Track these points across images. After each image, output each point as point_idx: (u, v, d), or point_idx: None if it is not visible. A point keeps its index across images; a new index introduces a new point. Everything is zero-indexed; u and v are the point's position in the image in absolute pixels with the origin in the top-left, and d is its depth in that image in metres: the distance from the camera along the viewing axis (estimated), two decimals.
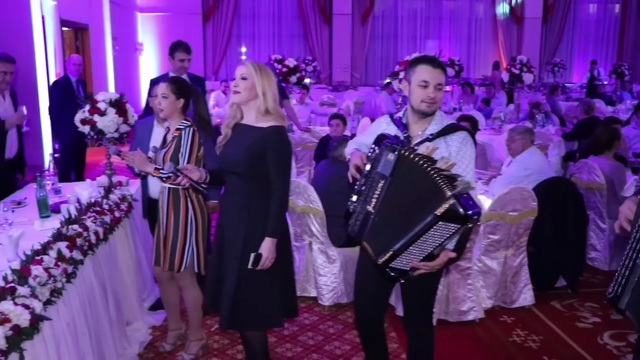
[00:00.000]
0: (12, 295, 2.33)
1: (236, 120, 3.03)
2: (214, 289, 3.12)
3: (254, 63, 2.97)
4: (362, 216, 2.74)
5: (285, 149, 2.99)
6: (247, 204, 2.97)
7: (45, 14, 9.07)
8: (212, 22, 16.55)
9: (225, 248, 3.05)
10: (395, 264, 2.62)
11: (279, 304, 3.06)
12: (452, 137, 2.80)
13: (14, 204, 4.08)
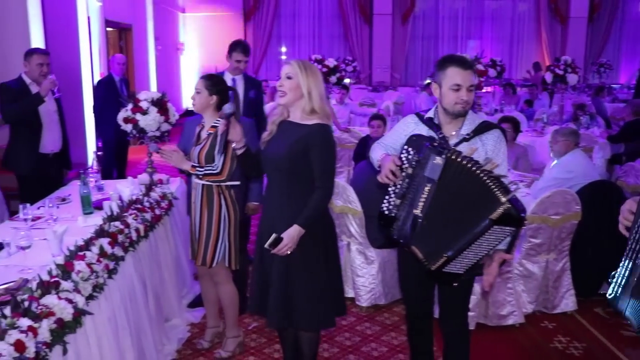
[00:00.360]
0: (56, 290, 2.38)
1: (283, 117, 3.02)
2: (259, 289, 3.09)
3: (299, 62, 2.93)
4: (410, 220, 2.72)
5: (329, 147, 2.93)
6: (290, 202, 2.95)
7: (91, 14, 9.26)
8: (253, 22, 16.67)
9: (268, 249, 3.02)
10: (449, 269, 2.65)
11: (328, 305, 3.03)
12: (487, 136, 2.82)
13: (58, 200, 4.17)
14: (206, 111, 3.66)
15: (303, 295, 2.95)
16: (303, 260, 2.94)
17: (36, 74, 4.85)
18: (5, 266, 2.97)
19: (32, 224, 3.49)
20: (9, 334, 1.98)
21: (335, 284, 3.09)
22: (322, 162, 2.90)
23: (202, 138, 3.65)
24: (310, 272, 2.95)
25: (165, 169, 6.20)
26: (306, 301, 2.95)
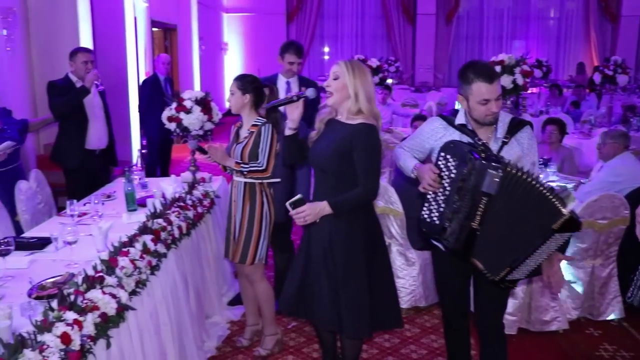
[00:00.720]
0: (100, 285, 2.43)
1: (331, 116, 2.99)
2: (297, 291, 3.05)
3: (347, 62, 2.88)
4: (466, 232, 2.69)
5: (373, 147, 2.86)
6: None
7: (138, 15, 9.43)
8: (296, 22, 16.73)
9: (313, 248, 3.00)
10: (511, 276, 2.72)
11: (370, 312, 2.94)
12: (522, 135, 2.85)
13: (103, 197, 4.26)
14: (243, 110, 3.69)
15: (347, 299, 2.90)
16: (347, 263, 2.90)
17: (82, 72, 4.97)
18: (52, 260, 3.05)
19: (78, 220, 3.56)
20: (56, 326, 2.03)
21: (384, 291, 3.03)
22: (365, 162, 2.84)
23: (241, 137, 3.68)
24: (354, 275, 2.91)
25: (208, 167, 6.26)
26: (345, 307, 2.90)
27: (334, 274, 2.91)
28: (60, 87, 4.94)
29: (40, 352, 1.89)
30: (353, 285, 2.89)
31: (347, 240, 2.90)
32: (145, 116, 7.64)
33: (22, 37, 6.34)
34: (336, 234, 2.90)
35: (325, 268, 2.93)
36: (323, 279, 2.93)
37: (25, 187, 4.19)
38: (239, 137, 3.71)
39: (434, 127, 2.95)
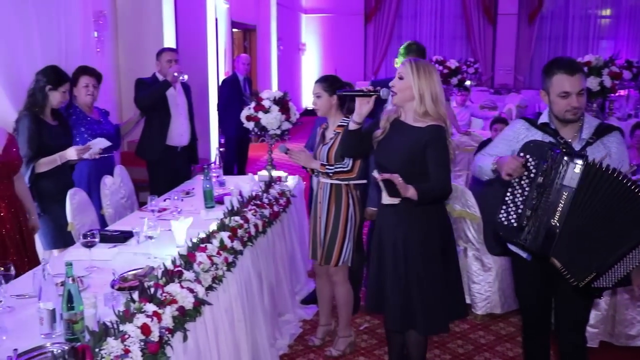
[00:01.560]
0: (179, 279, 2.49)
1: (397, 115, 2.97)
2: (376, 289, 3.07)
3: (413, 62, 2.84)
4: (545, 230, 2.61)
5: (444, 146, 2.84)
6: (405, 205, 2.91)
7: (219, 16, 9.65)
8: (374, 22, 16.67)
9: (385, 249, 2.99)
10: (598, 284, 2.56)
11: (444, 308, 2.96)
12: (610, 139, 2.73)
13: (183, 194, 4.38)
14: (330, 112, 3.70)
15: (418, 297, 2.90)
16: (422, 263, 2.89)
17: (166, 70, 5.13)
18: (134, 253, 3.16)
19: (159, 215, 3.67)
20: (137, 317, 2.10)
21: (453, 288, 3.02)
22: (438, 158, 2.81)
23: (327, 138, 3.69)
24: (426, 275, 2.90)
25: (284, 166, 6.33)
26: (420, 304, 2.90)
27: (406, 272, 2.90)
28: (147, 84, 5.12)
29: (122, 341, 1.96)
30: (430, 282, 2.89)
31: (424, 239, 2.89)
32: (223, 115, 7.82)
33: (111, 39, 6.60)
34: (412, 233, 2.89)
35: (397, 267, 2.92)
36: (394, 279, 2.93)
37: (109, 182, 4.36)
38: (325, 138, 3.72)
39: (516, 129, 2.88)
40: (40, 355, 2.06)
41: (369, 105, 2.92)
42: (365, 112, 2.94)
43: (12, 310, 2.44)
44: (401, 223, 2.90)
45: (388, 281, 2.96)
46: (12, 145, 3.53)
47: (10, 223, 3.43)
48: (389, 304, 2.97)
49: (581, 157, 2.51)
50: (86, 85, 4.37)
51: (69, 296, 2.11)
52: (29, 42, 4.49)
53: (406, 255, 2.89)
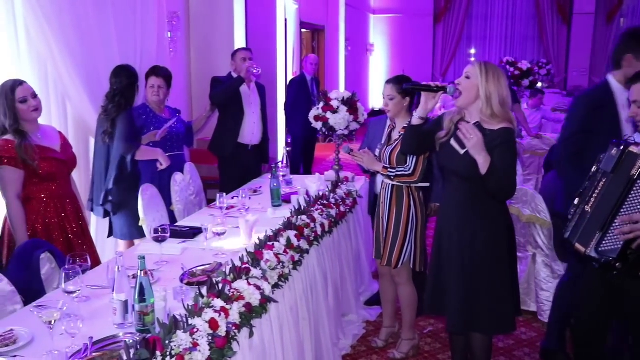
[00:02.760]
0: (246, 276, 2.53)
1: (461, 116, 2.92)
2: (434, 290, 3.05)
3: (481, 63, 2.81)
4: (578, 217, 2.61)
5: (512, 149, 2.80)
6: (468, 204, 2.87)
7: (288, 16, 9.74)
8: (443, 23, 16.46)
9: (446, 249, 2.97)
10: (605, 246, 2.47)
11: (511, 307, 2.93)
12: None
13: (250, 192, 4.44)
14: (400, 114, 3.68)
15: (485, 297, 2.86)
16: (486, 263, 2.86)
17: (241, 68, 5.20)
18: (202, 249, 3.22)
19: (227, 212, 3.73)
20: (205, 312, 2.14)
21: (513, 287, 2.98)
22: (504, 160, 2.75)
23: (393, 139, 3.67)
24: (493, 274, 2.86)
25: (351, 167, 6.33)
26: (487, 304, 2.87)
27: (472, 273, 2.86)
28: (222, 82, 5.23)
29: (191, 334, 1.99)
30: (497, 282, 2.86)
31: (491, 239, 2.85)
32: (291, 115, 7.88)
33: (184, 39, 6.77)
34: (478, 234, 2.85)
35: (461, 268, 2.89)
36: (458, 280, 2.90)
37: (179, 178, 4.46)
38: (391, 139, 3.71)
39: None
40: (113, 344, 2.13)
41: (435, 100, 2.93)
42: (431, 108, 2.95)
43: (87, 300, 2.53)
44: (466, 224, 2.87)
45: (450, 282, 2.93)
46: (67, 144, 3.66)
47: (74, 219, 3.57)
48: (451, 306, 2.94)
49: (622, 143, 2.48)
50: (152, 86, 4.50)
51: (141, 288, 2.17)
52: (107, 43, 4.65)
53: (472, 255, 2.86)
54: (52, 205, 3.45)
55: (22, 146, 3.25)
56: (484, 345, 3.02)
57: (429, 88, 2.93)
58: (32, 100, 3.34)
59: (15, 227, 3.30)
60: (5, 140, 3.26)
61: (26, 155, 3.26)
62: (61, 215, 3.48)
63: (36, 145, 3.35)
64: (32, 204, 3.39)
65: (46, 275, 2.90)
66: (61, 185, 3.50)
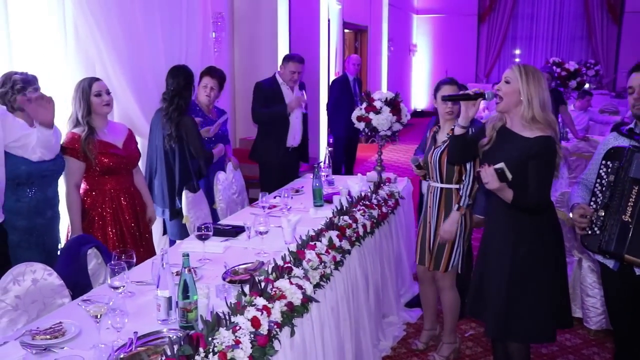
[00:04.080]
0: (288, 275, 2.54)
1: (502, 122, 2.90)
2: (476, 294, 3.03)
3: (521, 67, 2.79)
4: (617, 228, 2.52)
5: (549, 158, 2.76)
6: (513, 214, 2.84)
7: (331, 17, 9.74)
8: (487, 23, 16.26)
9: (491, 256, 2.94)
10: None
11: (551, 317, 2.87)
12: None
13: (292, 191, 4.45)
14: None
15: (523, 306, 2.82)
16: (529, 270, 2.81)
17: (287, 78, 5.24)
18: (244, 248, 3.25)
19: (269, 212, 3.75)
20: (247, 310, 2.15)
21: (560, 296, 2.91)
22: (537, 172, 2.74)
23: (439, 141, 3.64)
24: (534, 283, 2.81)
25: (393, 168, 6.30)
26: (525, 312, 2.82)
27: (512, 281, 2.82)
28: (266, 90, 5.21)
29: (234, 332, 2.01)
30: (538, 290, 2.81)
31: (533, 248, 2.81)
32: (333, 115, 7.88)
33: (228, 40, 6.82)
34: (521, 242, 2.82)
35: (502, 275, 2.85)
36: (498, 286, 2.86)
37: (222, 177, 4.51)
38: (437, 141, 3.67)
39: (606, 142, 2.79)
40: (157, 339, 2.17)
41: (475, 108, 2.94)
42: (472, 116, 2.96)
43: (132, 296, 2.58)
44: (510, 231, 2.84)
45: (491, 288, 2.91)
46: (131, 140, 3.75)
47: (128, 213, 3.65)
48: (490, 312, 2.92)
49: None
50: (205, 86, 4.55)
51: (184, 285, 2.20)
52: (153, 43, 4.72)
53: (513, 263, 2.82)
54: (108, 199, 3.58)
55: (86, 140, 3.44)
56: (520, 353, 2.98)
57: (467, 97, 2.92)
58: (106, 95, 3.55)
59: (70, 215, 3.48)
60: (72, 133, 3.47)
61: (88, 148, 3.43)
62: (116, 209, 3.60)
63: (99, 140, 3.51)
64: (90, 196, 3.56)
65: (93, 271, 2.97)
66: (119, 180, 3.62)
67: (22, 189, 3.14)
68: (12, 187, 3.09)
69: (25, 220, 3.16)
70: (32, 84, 3.13)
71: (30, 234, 3.19)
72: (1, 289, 2.40)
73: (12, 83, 3.09)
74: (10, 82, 3.09)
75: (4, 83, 3.10)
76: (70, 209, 3.47)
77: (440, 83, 3.73)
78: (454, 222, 3.50)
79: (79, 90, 3.50)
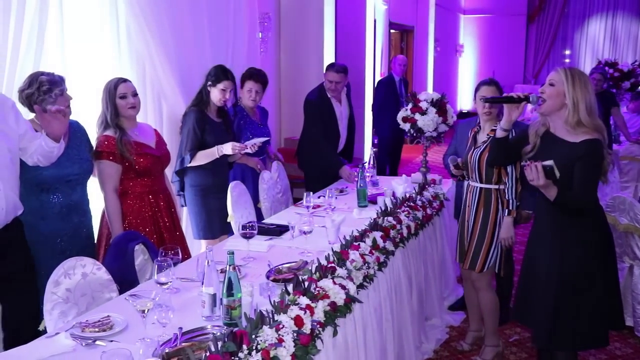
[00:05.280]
0: (332, 275, 2.54)
1: (545, 127, 2.85)
2: (522, 299, 2.98)
3: (567, 70, 2.74)
4: None
5: (596, 161, 2.70)
6: (559, 216, 2.78)
7: (377, 17, 9.71)
8: (537, 23, 15.93)
9: (537, 261, 2.89)
10: None
11: (604, 321, 2.82)
12: None
13: (337, 191, 4.45)
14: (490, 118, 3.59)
15: (571, 312, 2.76)
16: (577, 274, 2.76)
17: (327, 87, 5.05)
18: (288, 247, 3.26)
19: (313, 212, 3.76)
20: (291, 309, 2.16)
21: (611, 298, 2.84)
22: (584, 173, 2.69)
23: (479, 141, 3.60)
24: (583, 290, 2.75)
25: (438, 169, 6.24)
26: (574, 320, 2.77)
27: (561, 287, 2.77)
28: (316, 104, 5.04)
29: (277, 330, 2.02)
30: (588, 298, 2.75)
31: (582, 253, 2.76)
32: (378, 116, 7.86)
33: (274, 40, 6.87)
34: (570, 247, 2.77)
35: (549, 281, 2.80)
36: (545, 292, 2.81)
37: (267, 177, 4.54)
38: (477, 142, 3.63)
39: None
40: (201, 335, 2.19)
41: (519, 111, 2.89)
42: (515, 118, 2.92)
43: (177, 292, 2.62)
44: (556, 235, 2.79)
45: (538, 294, 2.86)
46: (162, 141, 3.79)
47: (166, 214, 3.68)
48: (536, 319, 2.87)
49: None
50: (250, 90, 4.54)
51: (229, 283, 2.22)
52: (200, 43, 4.79)
53: (562, 270, 2.77)
54: (147, 200, 3.59)
55: (122, 141, 3.42)
56: (565, 357, 2.92)
57: (510, 99, 2.87)
58: (131, 98, 3.50)
59: (111, 220, 3.44)
60: (105, 136, 3.43)
61: (125, 150, 3.42)
62: (154, 209, 3.62)
63: (133, 141, 3.50)
64: (128, 198, 3.54)
65: (139, 266, 3.02)
66: (155, 180, 3.63)
67: (46, 195, 3.12)
68: (36, 192, 3.08)
69: (50, 225, 3.12)
70: (58, 85, 3.05)
71: (54, 239, 3.15)
72: (53, 282, 2.47)
73: (38, 84, 3.00)
74: (36, 83, 3.00)
75: (31, 84, 3.02)
76: (111, 213, 3.43)
77: (481, 84, 3.71)
78: (509, 227, 3.48)
79: (105, 92, 3.47)
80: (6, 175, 2.72)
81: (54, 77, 3.06)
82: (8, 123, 2.77)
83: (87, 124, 3.48)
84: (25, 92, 3.03)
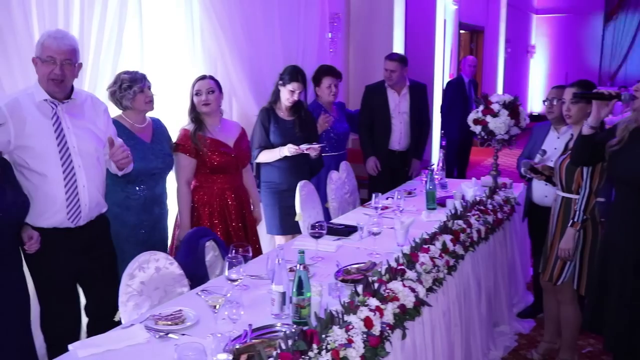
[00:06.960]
0: (401, 277, 2.51)
1: (637, 124, 2.74)
2: (596, 306, 2.89)
3: None
4: None
5: None
6: (635, 218, 2.67)
7: (447, 17, 9.58)
8: (614, 22, 15.31)
9: (611, 268, 2.79)
10: None
11: None
12: None
13: (405, 193, 4.41)
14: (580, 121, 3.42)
15: None
16: None
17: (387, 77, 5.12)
18: (356, 248, 3.25)
19: (381, 213, 3.74)
20: (360, 310, 2.15)
21: None
22: None
23: (569, 148, 3.43)
24: None
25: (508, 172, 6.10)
26: None
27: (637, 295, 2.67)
28: (370, 88, 5.20)
29: (347, 331, 2.02)
30: None
31: None
32: (447, 117, 7.75)
33: (344, 40, 6.88)
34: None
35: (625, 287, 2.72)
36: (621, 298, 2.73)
37: (335, 177, 4.55)
38: (567, 148, 3.49)
39: None
40: (271, 333, 2.21)
41: (608, 109, 2.82)
42: (604, 116, 2.84)
43: (247, 289, 2.65)
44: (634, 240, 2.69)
45: (612, 300, 2.77)
46: (243, 139, 3.85)
47: (235, 213, 3.74)
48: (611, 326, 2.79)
49: None
50: (329, 86, 4.62)
51: (299, 282, 2.23)
52: (272, 43, 4.84)
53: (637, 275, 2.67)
54: (217, 197, 3.67)
55: (195, 134, 3.57)
56: None
57: (601, 96, 2.78)
58: (205, 95, 3.63)
59: (180, 211, 3.61)
60: (184, 130, 3.63)
61: (199, 143, 3.55)
62: (223, 207, 3.69)
63: (210, 138, 3.62)
64: (199, 193, 3.66)
65: (210, 262, 3.08)
66: (228, 179, 3.71)
67: (132, 187, 3.29)
68: (122, 184, 3.24)
69: (134, 216, 3.30)
70: (138, 82, 3.24)
71: (138, 230, 3.32)
72: (128, 275, 2.55)
73: (120, 82, 3.24)
74: (119, 81, 3.24)
75: (115, 82, 3.26)
76: (180, 204, 3.60)
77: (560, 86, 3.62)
78: (570, 238, 3.26)
79: (190, 87, 3.68)
80: (92, 174, 2.87)
81: (135, 75, 3.27)
82: (98, 125, 2.94)
83: (164, 121, 3.60)
84: (110, 90, 3.28)
